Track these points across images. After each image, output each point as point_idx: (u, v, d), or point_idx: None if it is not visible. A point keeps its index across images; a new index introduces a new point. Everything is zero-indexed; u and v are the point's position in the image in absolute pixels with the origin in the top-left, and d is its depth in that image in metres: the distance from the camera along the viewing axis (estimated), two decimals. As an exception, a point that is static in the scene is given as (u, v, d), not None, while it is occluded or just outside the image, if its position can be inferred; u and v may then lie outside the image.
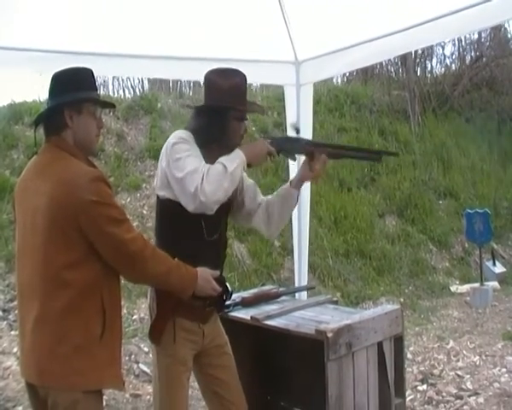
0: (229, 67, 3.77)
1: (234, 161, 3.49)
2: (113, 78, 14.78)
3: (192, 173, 3.36)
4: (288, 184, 4.02)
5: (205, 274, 3.47)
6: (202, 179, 3.32)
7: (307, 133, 6.03)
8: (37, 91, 11.32)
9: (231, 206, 3.93)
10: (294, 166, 6.00)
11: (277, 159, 3.93)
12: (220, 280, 3.61)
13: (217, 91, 3.64)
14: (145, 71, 5.87)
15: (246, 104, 3.75)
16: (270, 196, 4.10)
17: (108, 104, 3.84)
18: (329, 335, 3.60)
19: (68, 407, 3.02)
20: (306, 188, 6.12)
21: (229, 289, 3.82)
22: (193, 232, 3.60)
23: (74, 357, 3.01)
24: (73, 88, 3.15)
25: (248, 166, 3.64)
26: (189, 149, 3.50)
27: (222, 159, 3.47)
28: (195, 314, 3.69)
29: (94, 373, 3.07)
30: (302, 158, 4.89)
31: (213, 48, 5.34)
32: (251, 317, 4.19)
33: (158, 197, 3.76)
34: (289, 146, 3.93)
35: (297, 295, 5.39)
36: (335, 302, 4.72)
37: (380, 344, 3.96)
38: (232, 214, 4.04)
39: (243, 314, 4.31)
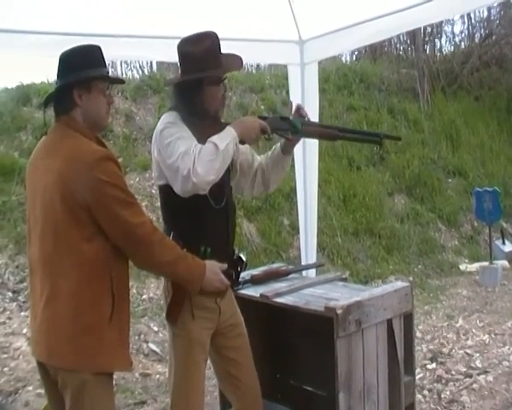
0: (199, 32, 3.70)
1: (225, 139, 3.45)
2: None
3: (183, 156, 3.34)
4: (280, 150, 3.99)
5: (213, 267, 3.45)
6: (194, 161, 3.30)
7: (313, 112, 6.01)
8: (46, 73, 11.28)
9: (231, 171, 3.91)
10: (299, 147, 6.01)
11: (272, 138, 3.88)
12: (228, 273, 3.60)
13: (190, 61, 3.61)
14: (153, 54, 5.83)
15: (220, 65, 3.66)
16: (262, 160, 4.11)
17: (117, 80, 3.84)
18: (339, 312, 3.60)
19: (77, 387, 3.04)
20: (314, 167, 6.13)
21: (244, 259, 3.84)
22: (200, 204, 3.57)
23: (83, 338, 3.02)
24: (81, 66, 3.14)
25: (241, 142, 3.62)
26: (177, 132, 3.48)
27: (213, 138, 3.43)
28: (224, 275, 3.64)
29: (103, 355, 3.08)
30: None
31: (216, 27, 5.31)
32: (260, 294, 4.19)
33: (159, 187, 3.75)
34: (283, 125, 3.86)
35: (305, 272, 5.39)
36: (345, 280, 4.71)
37: (389, 321, 3.95)
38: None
39: (253, 292, 4.31)
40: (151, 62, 15.08)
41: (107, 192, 2.99)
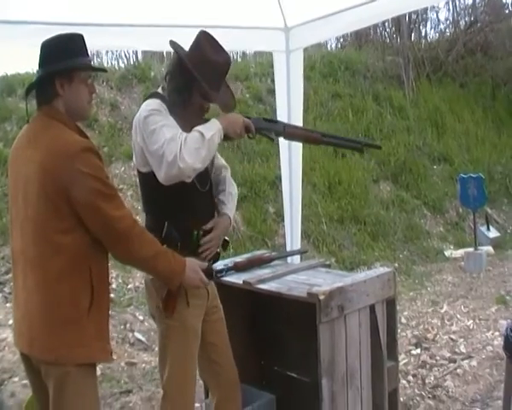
0: (222, 46, 3.67)
1: (210, 129, 3.46)
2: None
3: (169, 142, 3.32)
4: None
5: (193, 265, 3.43)
6: (180, 147, 3.29)
7: (298, 100, 6.03)
8: (30, 63, 11.24)
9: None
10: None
11: (255, 137, 3.88)
12: (208, 271, 3.58)
13: (199, 56, 3.59)
14: (137, 43, 5.80)
15: (216, 87, 3.67)
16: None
17: (100, 69, 3.82)
18: (321, 297, 3.62)
19: (59, 378, 3.04)
20: (298, 154, 6.14)
21: (227, 239, 3.87)
22: (187, 189, 3.55)
23: (62, 330, 3.02)
24: (63, 56, 3.10)
25: (225, 137, 3.61)
26: (162, 120, 3.46)
27: (198, 127, 3.44)
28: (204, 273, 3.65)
29: (82, 347, 3.07)
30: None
31: (201, 14, 5.30)
32: (243, 281, 4.20)
33: (141, 173, 3.72)
34: (267, 126, 3.88)
35: (289, 259, 5.41)
36: (328, 266, 4.74)
37: (372, 307, 3.98)
38: None
39: (236, 279, 4.33)
40: (136, 52, 15.04)
41: (87, 184, 2.96)
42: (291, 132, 4.01)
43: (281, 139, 5.73)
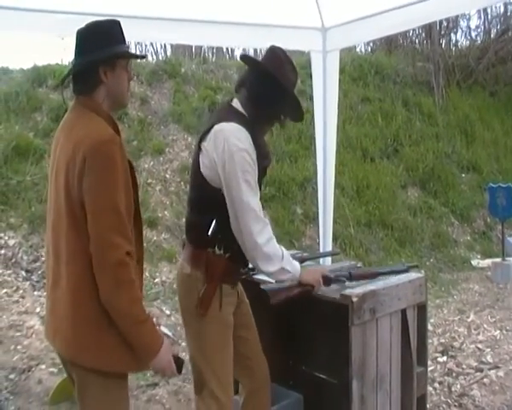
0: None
1: (291, 267, 3.66)
2: (136, 43, 14.77)
3: (256, 219, 3.47)
4: None
5: (167, 347, 3.08)
6: (262, 233, 3.48)
7: (333, 101, 6.04)
8: (60, 54, 11.33)
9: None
10: (320, 136, 6.04)
11: None
12: (179, 362, 3.19)
13: (283, 76, 3.64)
14: (169, 36, 5.81)
15: (298, 108, 3.78)
16: None
17: (140, 56, 3.80)
18: (354, 299, 3.62)
19: (79, 379, 2.99)
20: (332, 157, 6.15)
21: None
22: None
23: (85, 330, 2.92)
24: (106, 43, 3.06)
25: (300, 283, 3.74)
26: (250, 172, 3.47)
27: (285, 253, 3.62)
28: (235, 278, 3.79)
29: (105, 353, 2.94)
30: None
31: (238, 12, 5.32)
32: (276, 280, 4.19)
33: (202, 176, 3.62)
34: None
35: (321, 260, 5.39)
36: (360, 268, 4.72)
37: (403, 311, 3.97)
38: None
39: (267, 277, 4.31)
40: (165, 47, 15.14)
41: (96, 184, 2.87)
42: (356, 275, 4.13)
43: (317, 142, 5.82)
